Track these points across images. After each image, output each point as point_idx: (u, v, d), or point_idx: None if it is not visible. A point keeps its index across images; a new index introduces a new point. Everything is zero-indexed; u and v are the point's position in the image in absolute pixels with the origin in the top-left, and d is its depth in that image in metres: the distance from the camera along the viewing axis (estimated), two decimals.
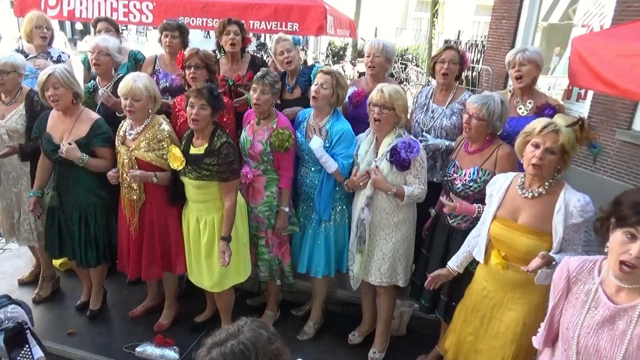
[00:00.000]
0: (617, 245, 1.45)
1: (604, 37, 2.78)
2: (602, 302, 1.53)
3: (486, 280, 2.44)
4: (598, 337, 1.53)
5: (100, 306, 3.61)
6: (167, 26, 3.72)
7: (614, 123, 6.26)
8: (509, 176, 2.37)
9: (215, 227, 3.02)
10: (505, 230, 2.28)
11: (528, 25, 7.60)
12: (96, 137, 3.09)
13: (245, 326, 1.29)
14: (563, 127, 2.09)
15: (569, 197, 2.16)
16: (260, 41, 17.82)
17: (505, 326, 2.36)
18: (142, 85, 2.92)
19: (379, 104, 2.81)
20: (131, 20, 4.95)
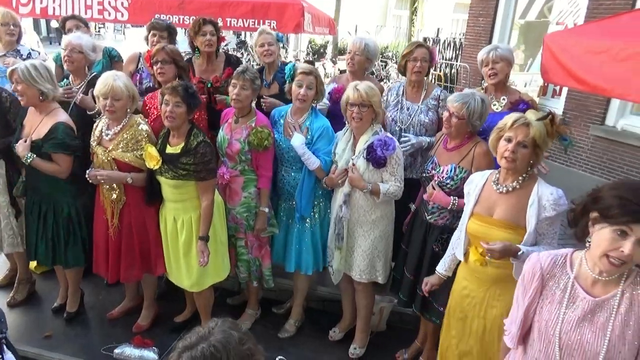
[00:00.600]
0: (607, 242, 1.44)
1: (574, 34, 2.84)
2: (579, 297, 1.55)
3: (467, 279, 2.44)
4: (580, 331, 1.54)
5: (77, 308, 3.55)
6: (156, 25, 3.67)
7: (588, 118, 6.39)
8: (485, 174, 2.40)
9: (192, 226, 3.00)
10: (481, 226, 2.30)
11: (504, 23, 7.72)
12: (49, 141, 2.98)
13: (215, 328, 1.27)
14: (534, 121, 2.13)
15: (542, 191, 2.19)
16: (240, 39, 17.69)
17: (490, 324, 2.36)
18: (122, 85, 2.88)
19: (357, 102, 2.81)
20: (106, 17, 4.86)
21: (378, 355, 3.36)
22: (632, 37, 2.33)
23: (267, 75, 3.64)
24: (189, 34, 3.66)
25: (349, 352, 3.33)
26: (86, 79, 3.43)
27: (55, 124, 3.01)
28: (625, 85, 2.23)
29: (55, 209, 3.17)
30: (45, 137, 2.99)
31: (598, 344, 1.50)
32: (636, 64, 2.18)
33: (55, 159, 3.02)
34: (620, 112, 6.11)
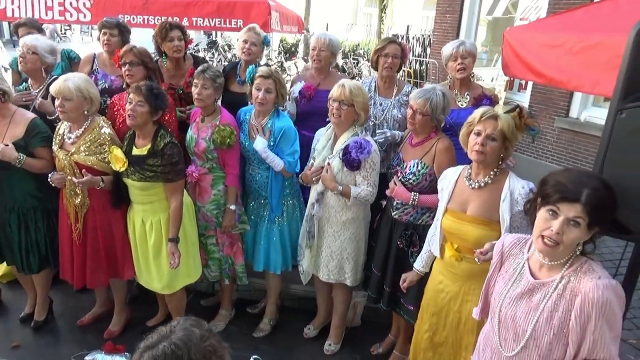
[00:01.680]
0: (541, 222, 1.54)
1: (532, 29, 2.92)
2: (525, 276, 1.63)
3: (442, 274, 2.47)
4: (516, 307, 1.62)
5: (45, 316, 3.47)
6: (105, 24, 3.60)
7: (553, 111, 6.58)
8: (457, 169, 2.42)
9: (162, 228, 2.97)
10: (455, 222, 2.32)
11: (470, 20, 7.88)
12: (34, 137, 2.98)
13: (177, 326, 1.28)
14: (502, 114, 2.16)
15: (513, 185, 2.22)
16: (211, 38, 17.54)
17: (465, 317, 2.39)
18: (72, 85, 2.82)
19: (339, 99, 2.80)
20: (68, 19, 4.74)
21: (353, 350, 3.39)
22: (585, 31, 2.41)
23: (242, 72, 3.61)
24: (155, 38, 3.56)
25: (324, 348, 3.35)
26: (45, 82, 3.35)
27: (31, 120, 3.00)
28: (579, 77, 2.31)
29: (35, 215, 3.12)
30: (27, 135, 2.96)
31: (527, 322, 1.57)
32: (589, 56, 2.26)
33: (41, 154, 3.01)
34: (583, 104, 6.31)
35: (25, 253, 3.16)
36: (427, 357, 2.58)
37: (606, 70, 2.05)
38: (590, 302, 1.43)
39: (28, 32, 3.86)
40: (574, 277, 1.50)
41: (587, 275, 1.48)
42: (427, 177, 2.69)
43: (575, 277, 1.50)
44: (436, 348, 2.54)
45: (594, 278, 1.46)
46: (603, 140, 1.68)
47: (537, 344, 1.55)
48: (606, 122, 1.67)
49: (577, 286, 1.48)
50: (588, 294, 1.44)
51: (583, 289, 1.46)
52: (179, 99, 3.44)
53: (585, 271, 1.49)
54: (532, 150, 6.95)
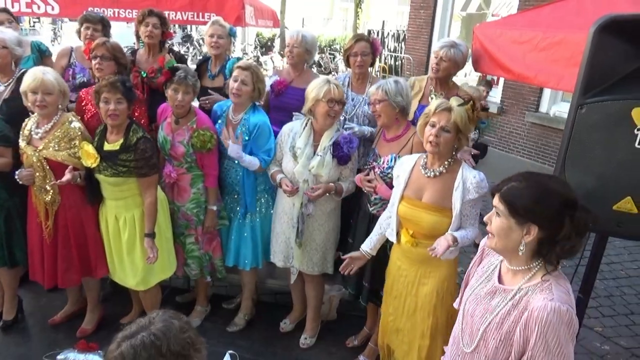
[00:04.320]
0: None
1: (501, 25, 2.98)
2: (493, 278, 1.65)
3: (400, 259, 2.56)
4: (477, 306, 1.65)
5: (15, 315, 3.40)
6: (88, 17, 3.53)
7: (524, 106, 6.73)
8: (413, 157, 2.50)
9: (135, 223, 2.95)
10: (411, 209, 2.41)
11: (444, 16, 7.97)
12: None
13: (156, 317, 1.28)
14: (455, 106, 2.25)
15: (466, 175, 2.31)
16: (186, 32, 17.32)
17: (421, 301, 2.48)
18: (52, 79, 2.78)
19: (338, 99, 2.83)
20: (35, 11, 4.61)
21: (329, 343, 3.42)
22: (551, 27, 2.48)
23: (212, 67, 3.60)
24: (135, 22, 3.59)
25: (300, 342, 3.37)
26: (14, 75, 3.26)
27: None
28: (545, 73, 2.38)
29: None
30: None
31: (481, 322, 1.60)
32: (555, 53, 2.33)
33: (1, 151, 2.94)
34: (552, 100, 6.47)
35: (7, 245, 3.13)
36: (391, 340, 2.67)
37: (569, 66, 2.12)
38: (534, 320, 1.43)
39: (7, 19, 3.74)
40: (532, 291, 1.50)
41: (542, 294, 1.47)
42: None
43: (532, 292, 1.49)
44: (397, 333, 2.63)
45: (547, 298, 1.44)
46: (565, 134, 1.74)
47: (485, 345, 1.57)
48: (568, 117, 1.73)
49: (530, 301, 1.47)
50: (534, 311, 1.43)
51: (532, 305, 1.45)
52: (141, 83, 3.40)
53: (544, 289, 1.48)
54: (504, 144, 7.11)
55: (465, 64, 3.22)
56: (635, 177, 1.65)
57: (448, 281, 2.46)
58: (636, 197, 1.67)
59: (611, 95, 1.63)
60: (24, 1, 4.57)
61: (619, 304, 4.21)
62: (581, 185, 1.55)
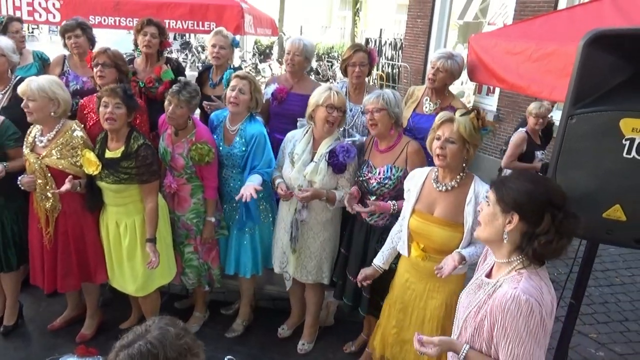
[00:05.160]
0: None
1: (495, 36, 3.04)
2: (484, 272, 1.73)
3: (408, 272, 2.55)
4: (466, 298, 1.74)
5: (15, 321, 3.42)
6: (66, 27, 3.57)
7: (519, 115, 6.79)
8: (424, 171, 2.50)
9: (136, 230, 2.98)
10: (422, 223, 2.40)
11: (441, 24, 8.06)
12: (8, 138, 2.97)
13: (152, 325, 1.30)
14: (457, 117, 2.27)
15: (478, 189, 2.31)
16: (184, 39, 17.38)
17: (430, 314, 2.47)
18: (34, 86, 2.79)
19: (338, 106, 2.85)
20: (37, 19, 4.67)
21: (326, 349, 3.45)
22: (544, 39, 2.54)
23: (214, 75, 3.65)
24: (134, 31, 3.64)
25: (297, 347, 3.40)
26: (11, 83, 3.29)
27: (2, 122, 2.98)
28: (538, 83, 2.43)
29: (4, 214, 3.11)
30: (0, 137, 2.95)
31: (464, 312, 1.69)
32: (547, 64, 2.38)
33: (15, 154, 3.01)
34: None
35: (2, 251, 3.14)
36: (394, 352, 2.66)
37: (561, 77, 2.18)
38: (496, 308, 1.50)
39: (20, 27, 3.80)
40: (504, 283, 1.56)
41: (509, 284, 1.53)
42: (402, 180, 2.75)
43: (504, 284, 1.56)
44: (403, 345, 2.62)
45: (511, 287, 1.50)
46: (556, 143, 1.79)
47: (465, 333, 1.66)
48: (559, 126, 1.78)
49: (498, 291, 1.55)
50: (496, 299, 1.51)
51: (497, 294, 1.53)
52: (139, 92, 3.46)
53: (512, 280, 1.54)
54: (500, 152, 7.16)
55: (460, 74, 3.27)
56: (623, 185, 1.69)
57: (457, 295, 2.46)
58: (625, 205, 1.72)
59: (600, 106, 1.68)
60: (25, 9, 4.63)
61: (613, 310, 4.25)
62: (572, 193, 1.60)
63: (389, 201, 2.78)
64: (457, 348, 1.64)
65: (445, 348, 1.66)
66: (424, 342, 1.67)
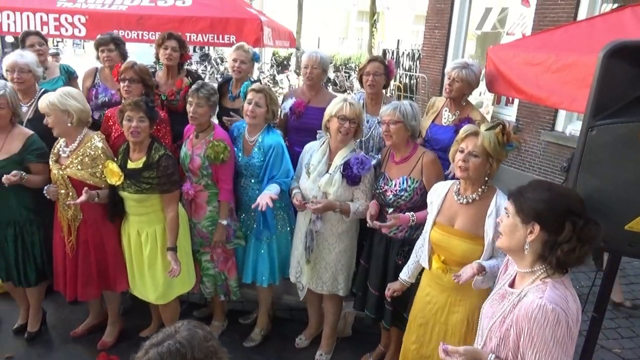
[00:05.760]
0: None
1: (513, 47, 3.05)
2: (507, 283, 1.73)
3: (430, 285, 2.53)
4: (490, 308, 1.74)
5: (39, 328, 3.50)
6: (101, 41, 3.69)
7: (539, 125, 6.73)
8: (447, 184, 2.49)
9: (157, 238, 3.03)
10: (443, 235, 2.39)
11: (459, 35, 8.05)
12: (30, 153, 3.04)
13: (181, 327, 1.35)
14: (482, 130, 2.25)
15: (500, 202, 2.29)
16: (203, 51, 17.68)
17: (452, 329, 2.44)
18: (45, 101, 2.88)
19: (350, 117, 2.85)
20: (63, 34, 4.82)
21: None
22: (563, 49, 2.54)
23: (233, 88, 3.71)
24: (155, 45, 3.74)
25: (315, 358, 3.39)
26: (36, 96, 3.40)
27: (28, 137, 3.07)
28: (558, 94, 2.42)
29: (30, 229, 3.17)
30: (23, 151, 3.03)
31: (488, 323, 1.68)
32: (567, 74, 2.38)
33: (37, 169, 3.07)
34: (568, 119, 6.46)
35: (22, 267, 3.20)
36: None
37: (581, 88, 2.16)
38: (522, 317, 1.50)
39: (38, 42, 3.92)
40: (529, 293, 1.56)
41: (535, 293, 1.53)
42: (418, 191, 2.77)
43: (529, 293, 1.56)
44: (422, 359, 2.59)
45: (537, 297, 1.50)
46: (576, 155, 1.78)
47: (490, 343, 1.65)
48: (579, 138, 1.78)
49: (523, 301, 1.55)
50: (522, 308, 1.51)
51: (523, 303, 1.53)
52: (161, 105, 3.54)
53: (538, 289, 1.54)
54: (520, 163, 7.09)
55: (478, 83, 3.25)
56: None
57: (479, 310, 2.43)
58: None
59: (620, 117, 1.67)
60: (52, 24, 4.78)
61: (638, 325, 4.15)
62: (593, 204, 1.59)
63: (408, 213, 2.78)
64: (483, 357, 1.64)
65: (470, 358, 1.65)
66: (449, 352, 1.67)
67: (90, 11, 4.82)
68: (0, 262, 3.21)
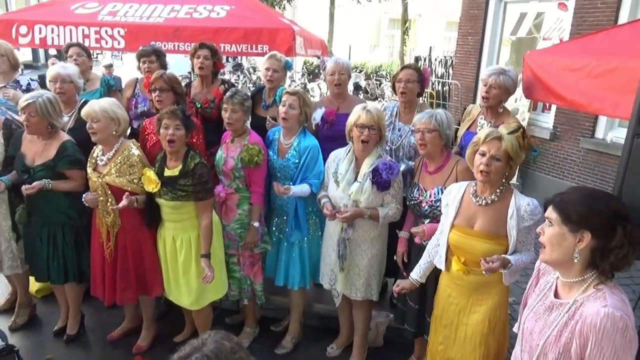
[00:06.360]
0: None
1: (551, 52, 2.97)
2: (550, 294, 1.67)
3: (450, 287, 2.54)
4: (535, 323, 1.67)
5: (77, 330, 3.60)
6: (143, 52, 3.81)
7: (578, 132, 6.51)
8: (462, 185, 2.49)
9: (191, 245, 3.08)
10: (463, 237, 2.40)
11: (493, 41, 7.91)
12: (62, 159, 3.14)
13: (208, 339, 1.33)
14: (505, 135, 2.24)
15: (519, 202, 2.31)
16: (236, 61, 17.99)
17: (472, 329, 2.45)
18: (97, 107, 2.99)
19: (368, 124, 2.86)
20: (103, 46, 4.99)
21: None
22: (605, 54, 2.45)
23: (267, 97, 3.76)
24: (189, 55, 3.85)
25: None
26: (77, 106, 3.53)
27: (62, 143, 3.17)
28: (600, 100, 2.34)
29: (63, 230, 3.28)
30: (57, 157, 3.13)
31: (540, 337, 1.61)
32: (610, 80, 2.30)
33: (70, 175, 3.17)
34: (609, 125, 6.24)
35: (51, 264, 3.32)
36: None
37: (625, 93, 2.09)
38: (588, 327, 1.45)
39: (77, 53, 4.09)
40: (587, 302, 1.52)
41: (596, 302, 1.49)
42: None
43: (587, 302, 1.52)
44: None
45: (600, 305, 1.47)
46: (621, 162, 1.71)
47: (546, 359, 1.59)
48: (624, 145, 1.71)
49: (584, 311, 1.50)
50: (587, 318, 1.46)
51: (586, 313, 1.48)
52: (196, 113, 3.62)
53: (597, 297, 1.50)
54: (558, 171, 6.88)
55: (515, 89, 3.18)
56: None
57: (500, 310, 2.42)
58: None
59: None
60: (93, 37, 4.95)
61: None
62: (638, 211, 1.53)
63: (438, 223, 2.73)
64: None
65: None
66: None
67: (129, 24, 4.97)
68: (35, 260, 3.33)
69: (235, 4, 5.28)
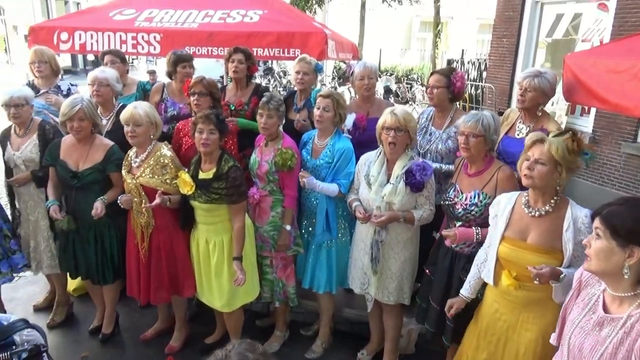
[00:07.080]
0: None
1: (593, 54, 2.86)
2: (598, 308, 1.60)
3: (497, 302, 2.42)
4: (585, 338, 1.59)
5: (112, 329, 3.68)
6: (181, 58, 3.88)
7: (619, 136, 6.28)
8: (512, 196, 2.38)
9: (224, 247, 3.11)
10: (514, 250, 2.28)
11: (529, 43, 7.72)
12: (111, 162, 3.25)
13: (232, 350, 1.32)
14: (549, 137, 2.15)
15: (576, 214, 2.18)
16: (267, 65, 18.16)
17: (525, 347, 2.33)
18: (142, 112, 3.07)
19: (394, 127, 2.84)
20: (139, 51, 5.10)
21: None
22: None
23: (298, 100, 3.78)
24: (224, 59, 3.91)
25: None
26: (115, 109, 3.63)
27: (110, 147, 3.29)
28: None
29: (103, 232, 3.36)
30: (105, 160, 3.24)
31: (592, 354, 1.54)
32: None
33: (115, 178, 3.28)
34: None
35: (101, 267, 3.39)
36: None
37: None
38: None
39: (111, 60, 4.20)
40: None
41: None
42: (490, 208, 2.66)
43: None
44: None
45: None
46: None
47: None
48: None
49: None
50: None
51: None
52: (230, 114, 3.66)
53: None
54: (597, 176, 6.65)
55: (554, 92, 3.07)
56: None
57: (553, 327, 2.30)
58: None
59: None
60: (130, 43, 5.08)
61: None
62: None
63: (473, 228, 2.67)
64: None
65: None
66: None
67: (164, 29, 5.07)
68: (81, 262, 3.41)
69: (268, 9, 5.31)
